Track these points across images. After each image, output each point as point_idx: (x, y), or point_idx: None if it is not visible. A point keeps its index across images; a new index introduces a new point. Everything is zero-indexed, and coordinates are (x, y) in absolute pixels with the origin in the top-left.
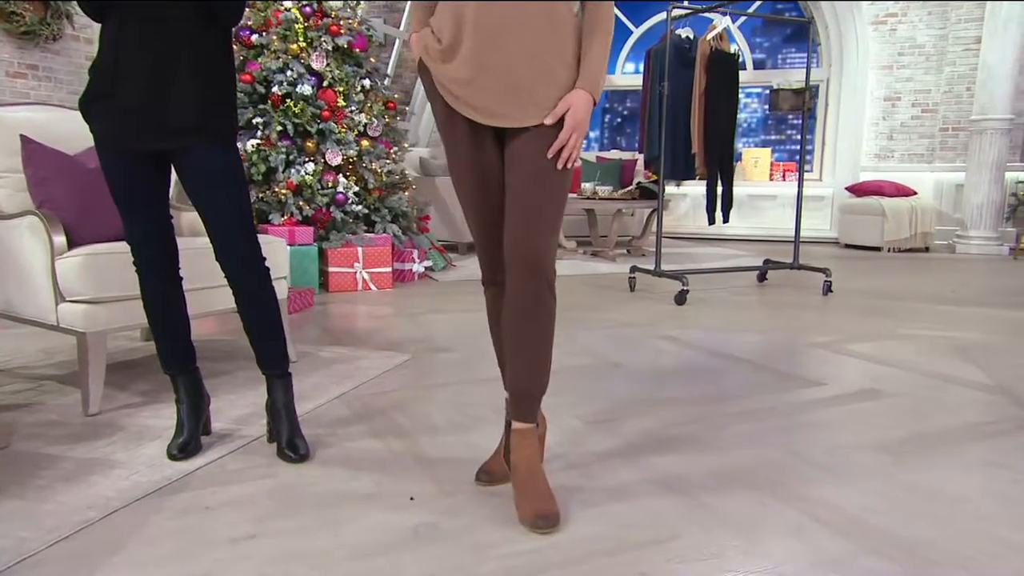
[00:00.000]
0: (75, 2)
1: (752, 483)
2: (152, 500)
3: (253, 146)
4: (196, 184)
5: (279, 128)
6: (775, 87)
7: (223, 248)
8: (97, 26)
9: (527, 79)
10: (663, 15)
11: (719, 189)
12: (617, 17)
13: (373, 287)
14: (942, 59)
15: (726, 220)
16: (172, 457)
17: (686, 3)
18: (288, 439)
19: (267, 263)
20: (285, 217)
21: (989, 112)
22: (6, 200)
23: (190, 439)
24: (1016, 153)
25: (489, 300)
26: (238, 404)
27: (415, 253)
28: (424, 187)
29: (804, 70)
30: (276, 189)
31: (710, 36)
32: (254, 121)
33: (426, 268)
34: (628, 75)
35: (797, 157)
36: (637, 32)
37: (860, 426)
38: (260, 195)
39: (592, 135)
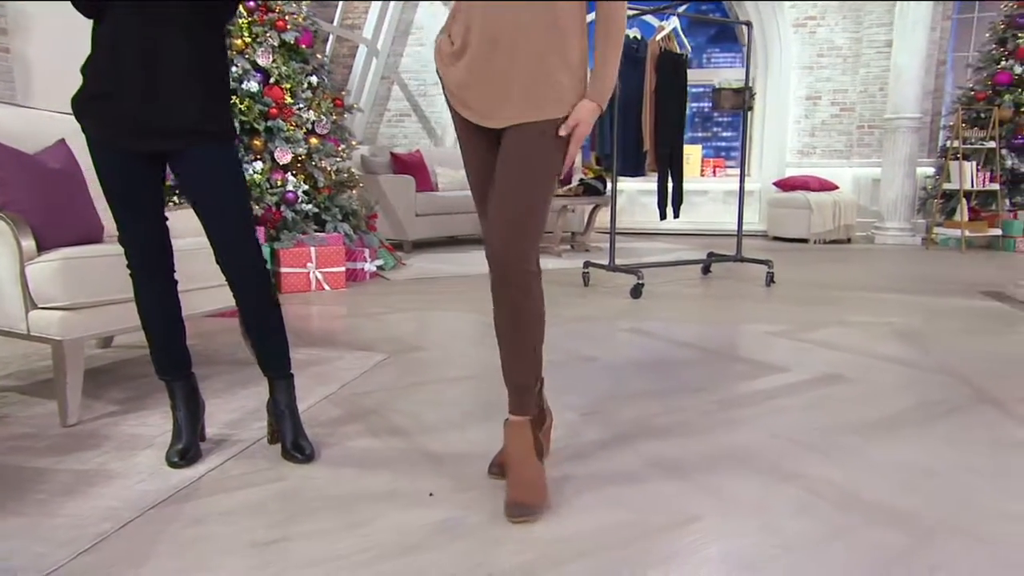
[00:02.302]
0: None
1: (749, 465)
2: (164, 509)
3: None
4: (195, 185)
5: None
6: (716, 86)
7: (225, 250)
8: (11, 15)
9: (525, 81)
10: None
11: (670, 185)
12: None
13: (327, 287)
14: (857, 61)
15: (676, 215)
16: (173, 464)
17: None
18: (293, 440)
19: (267, 266)
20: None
21: (901, 111)
22: None
23: (190, 445)
24: (925, 149)
25: None
26: (226, 408)
27: (366, 252)
28: (368, 185)
29: (730, 69)
30: None
31: (659, 37)
32: None
33: (377, 267)
34: None
35: (723, 153)
36: None
37: (830, 409)
38: None
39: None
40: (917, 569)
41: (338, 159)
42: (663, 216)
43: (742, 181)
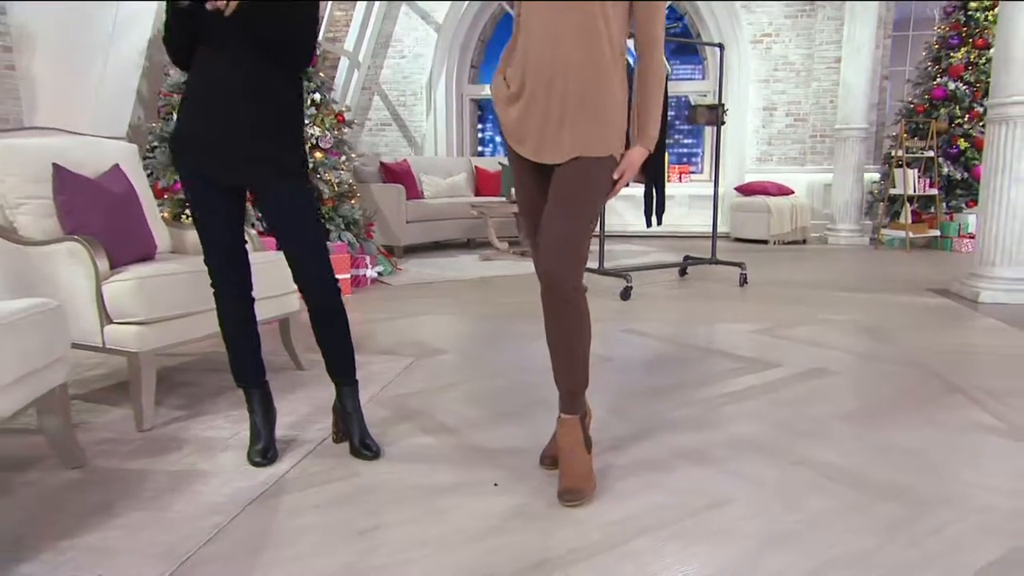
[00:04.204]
0: (167, 57)
1: (762, 452)
2: (262, 503)
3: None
4: (275, 213)
5: None
6: (693, 103)
7: (302, 271)
8: (16, 33)
9: (575, 123)
10: None
11: (654, 193)
12: None
13: None
14: (809, 75)
15: (659, 223)
16: (256, 464)
17: None
18: (360, 439)
19: (338, 283)
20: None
21: (850, 122)
22: (31, 226)
23: (268, 445)
24: (871, 157)
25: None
26: (282, 412)
27: (367, 259)
28: (361, 194)
29: (690, 81)
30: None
31: None
32: None
33: (378, 273)
34: None
35: (685, 160)
36: None
37: (822, 400)
38: None
39: (498, 139)
40: (919, 536)
41: (340, 171)
42: (649, 224)
43: (716, 187)
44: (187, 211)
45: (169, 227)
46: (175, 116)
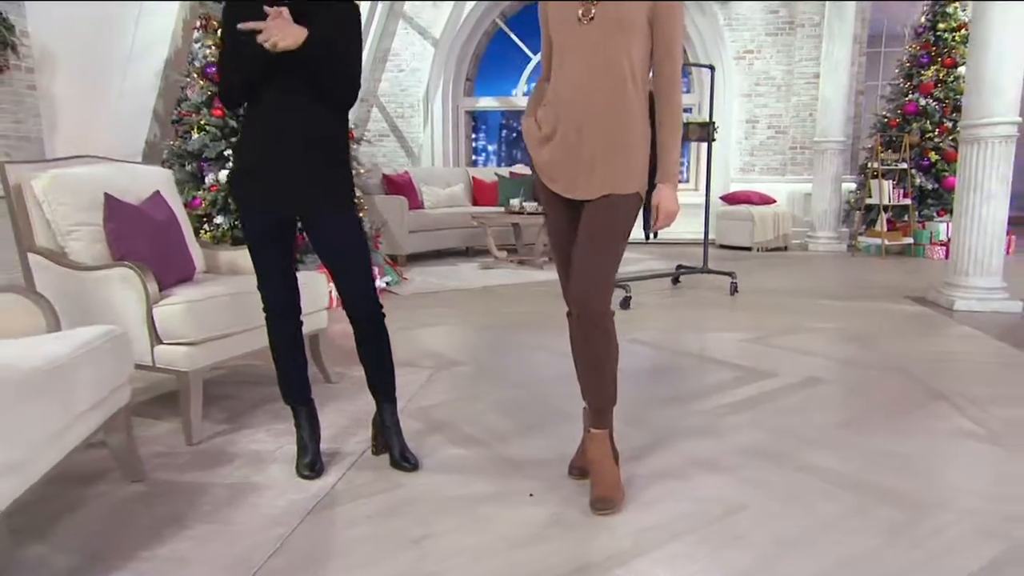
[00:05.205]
0: (219, 98)
1: (770, 459)
2: (318, 515)
3: (228, 176)
4: (327, 243)
5: None
6: (685, 121)
7: (351, 297)
8: (38, 54)
9: (604, 163)
10: None
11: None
12: (517, 45)
13: None
14: (789, 90)
15: (655, 236)
16: (304, 476)
17: None
18: (400, 452)
19: (382, 307)
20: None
21: (828, 135)
22: (82, 251)
23: (315, 458)
24: (848, 168)
25: (570, 327)
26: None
27: (376, 269)
28: (366, 205)
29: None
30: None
31: None
32: (225, 153)
33: (386, 283)
34: (526, 97)
35: None
36: (535, 59)
37: (818, 408)
38: (236, 222)
39: (491, 148)
40: (920, 538)
41: None
42: (647, 237)
43: (707, 201)
44: (206, 226)
45: (203, 248)
46: (225, 146)
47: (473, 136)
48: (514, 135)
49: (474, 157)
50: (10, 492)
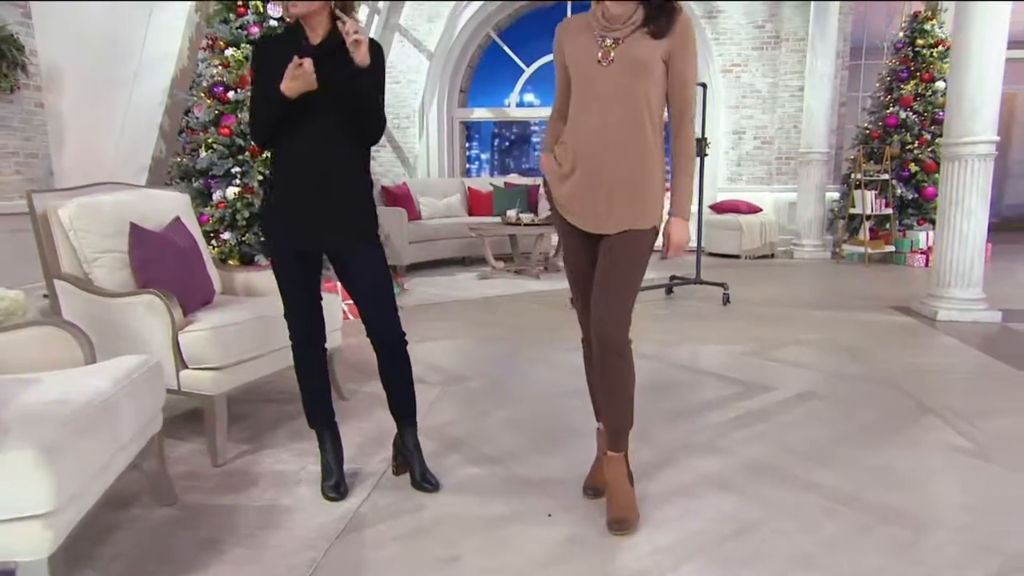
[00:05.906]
0: (250, 136)
1: (775, 476)
2: (347, 537)
3: (235, 193)
4: (358, 278)
5: (259, 177)
6: None
7: (376, 325)
8: (45, 72)
9: (623, 200)
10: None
11: None
12: (510, 58)
13: (351, 316)
14: (775, 102)
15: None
16: (330, 498)
17: None
18: (421, 473)
19: (405, 334)
20: (271, 257)
21: (812, 146)
22: (107, 278)
23: (340, 480)
24: (832, 178)
25: (584, 351)
26: None
27: None
28: None
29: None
30: (259, 232)
31: None
32: (232, 171)
33: None
34: (519, 108)
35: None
36: (528, 71)
37: (817, 423)
38: (242, 238)
39: (483, 157)
40: (923, 555)
41: None
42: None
43: (700, 213)
44: (213, 242)
45: (219, 270)
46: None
47: (467, 145)
48: (506, 144)
49: (467, 166)
50: (67, 524)
